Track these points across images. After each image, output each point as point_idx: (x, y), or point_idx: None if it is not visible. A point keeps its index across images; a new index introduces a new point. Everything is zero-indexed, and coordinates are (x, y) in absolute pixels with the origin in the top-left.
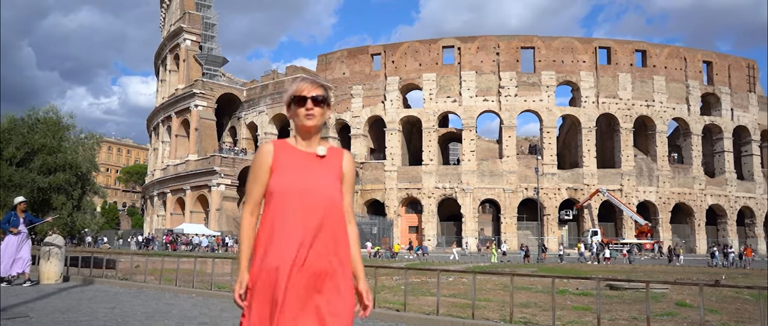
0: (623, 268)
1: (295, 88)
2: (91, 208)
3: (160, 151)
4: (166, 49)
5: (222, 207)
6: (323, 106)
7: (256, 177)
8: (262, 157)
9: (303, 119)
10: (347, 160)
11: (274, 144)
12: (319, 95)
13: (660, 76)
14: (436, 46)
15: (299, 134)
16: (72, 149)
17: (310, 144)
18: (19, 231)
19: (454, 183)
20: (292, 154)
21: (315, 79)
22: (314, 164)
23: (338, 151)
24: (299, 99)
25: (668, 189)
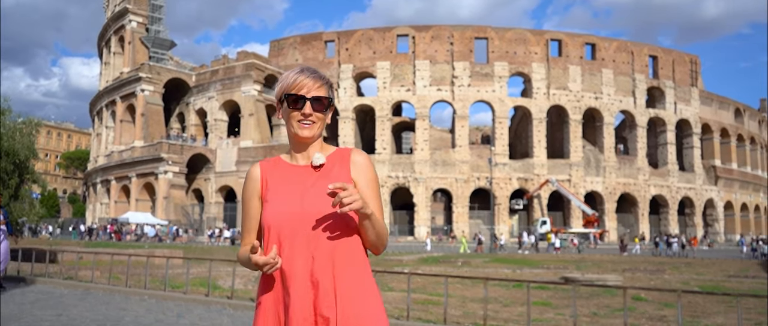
0: (573, 258)
1: (290, 83)
2: (29, 198)
3: (104, 137)
4: (110, 31)
5: (169, 196)
6: (325, 110)
7: (247, 211)
8: (249, 185)
9: (296, 127)
10: (358, 162)
11: (263, 165)
12: (322, 97)
13: (608, 69)
14: (391, 35)
15: (292, 146)
16: (8, 135)
17: (305, 155)
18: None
19: (407, 173)
20: (285, 172)
21: (317, 73)
22: (311, 180)
23: (343, 152)
24: (294, 98)
25: (614, 179)
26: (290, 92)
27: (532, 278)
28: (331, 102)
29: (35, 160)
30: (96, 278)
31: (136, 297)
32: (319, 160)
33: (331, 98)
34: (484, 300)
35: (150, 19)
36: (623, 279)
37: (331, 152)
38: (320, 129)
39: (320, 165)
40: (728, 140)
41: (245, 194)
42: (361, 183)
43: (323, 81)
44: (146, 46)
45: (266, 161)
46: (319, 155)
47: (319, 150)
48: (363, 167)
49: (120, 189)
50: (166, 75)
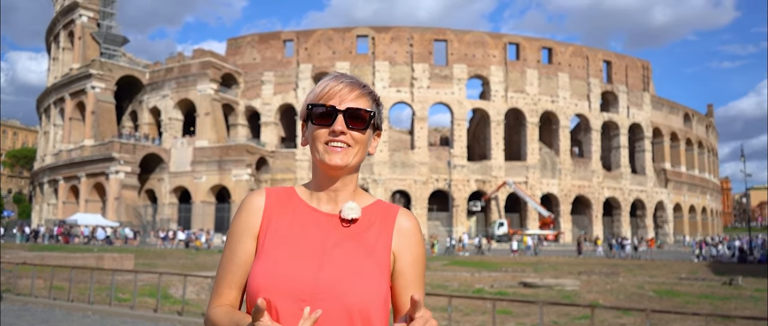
0: (530, 260)
1: (317, 92)
2: None
3: (52, 135)
4: (59, 25)
5: (121, 197)
6: (365, 128)
7: (231, 254)
8: (243, 217)
9: (322, 151)
10: (405, 229)
11: (270, 195)
12: (360, 109)
13: (564, 73)
14: (350, 35)
15: (316, 178)
16: None
17: (333, 197)
18: None
19: (366, 174)
20: (299, 215)
21: (356, 80)
22: (335, 238)
23: (386, 209)
24: (321, 111)
25: (569, 181)
26: (317, 102)
27: (491, 282)
28: (374, 118)
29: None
30: (37, 289)
31: (79, 313)
32: (353, 212)
33: (375, 113)
34: (449, 316)
35: (101, 13)
36: (580, 283)
37: (369, 203)
38: (358, 158)
39: (352, 220)
40: (678, 144)
41: (235, 229)
42: (405, 261)
43: (364, 90)
44: (97, 41)
45: (275, 191)
46: (353, 205)
47: (353, 196)
48: (411, 237)
49: (69, 189)
50: (119, 72)
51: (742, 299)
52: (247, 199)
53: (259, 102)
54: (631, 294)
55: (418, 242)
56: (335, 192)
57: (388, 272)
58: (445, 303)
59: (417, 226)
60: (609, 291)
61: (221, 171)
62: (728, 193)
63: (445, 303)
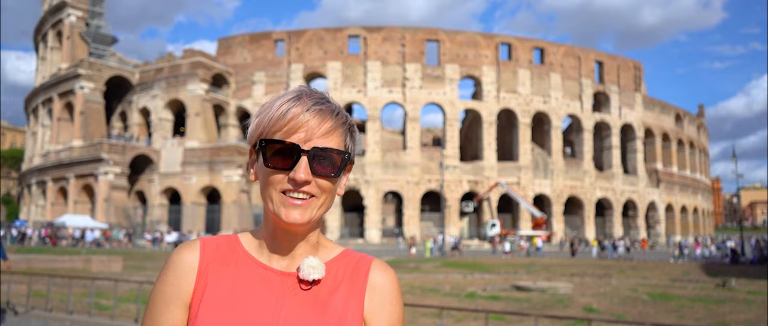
0: (523, 262)
1: (275, 117)
2: None
3: (40, 135)
4: (48, 24)
5: (110, 198)
6: (338, 174)
7: (152, 321)
8: (170, 281)
9: (278, 204)
10: (379, 287)
11: (206, 248)
12: (332, 150)
13: (556, 73)
14: (342, 35)
15: (268, 227)
16: None
17: (289, 250)
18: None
19: (358, 175)
20: (243, 274)
21: (327, 102)
22: (291, 305)
23: (355, 262)
24: (279, 148)
25: (562, 182)
26: (272, 135)
27: (484, 284)
28: (348, 160)
29: None
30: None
31: (55, 323)
32: (314, 271)
33: (350, 154)
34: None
35: (90, 13)
36: (573, 286)
37: (334, 256)
38: (324, 209)
39: (314, 281)
40: (669, 144)
41: (159, 295)
42: (380, 324)
43: (338, 119)
44: (86, 41)
45: (213, 242)
46: (315, 262)
47: (314, 250)
48: (387, 296)
49: (57, 190)
50: (108, 72)
51: (736, 302)
52: (174, 257)
53: (250, 102)
54: (625, 298)
55: (396, 302)
56: (293, 246)
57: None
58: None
59: (394, 281)
60: (602, 294)
61: (212, 172)
62: (719, 193)
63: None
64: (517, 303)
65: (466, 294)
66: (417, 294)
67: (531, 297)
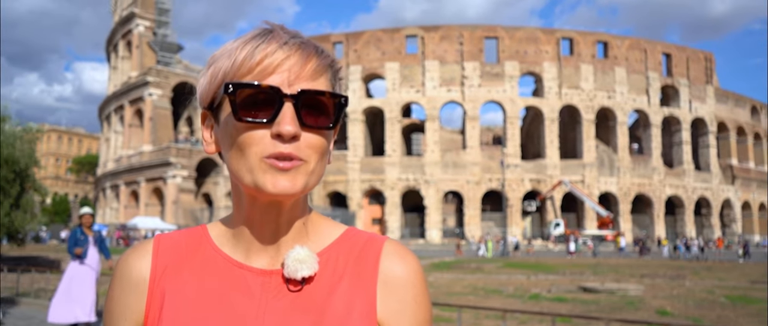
0: (589, 262)
1: (242, 58)
2: (31, 206)
3: (113, 141)
4: (118, 35)
5: (178, 200)
6: (331, 127)
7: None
8: (117, 297)
9: (258, 171)
10: (396, 280)
11: (160, 250)
12: (323, 94)
13: (621, 67)
14: (399, 35)
15: (241, 211)
16: (8, 143)
17: (271, 240)
18: (82, 256)
19: (418, 175)
20: (212, 276)
21: (304, 38)
22: (277, 312)
23: (364, 248)
24: (257, 99)
25: (629, 180)
26: (241, 77)
27: (548, 286)
28: (345, 105)
29: (36, 167)
30: None
31: None
32: (303, 266)
33: (346, 99)
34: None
35: (157, 22)
36: (644, 287)
37: (331, 242)
38: (317, 176)
39: (304, 279)
40: (745, 138)
41: (109, 314)
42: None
43: (323, 57)
44: (154, 49)
45: (171, 240)
46: (303, 252)
47: (302, 237)
48: (407, 292)
49: (129, 193)
50: (174, 78)
51: None
52: (119, 266)
53: None
54: (701, 301)
55: (421, 299)
56: (276, 233)
57: None
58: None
59: (416, 271)
60: (676, 296)
61: None
62: None
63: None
64: (584, 305)
65: (529, 295)
66: (480, 296)
67: (599, 299)
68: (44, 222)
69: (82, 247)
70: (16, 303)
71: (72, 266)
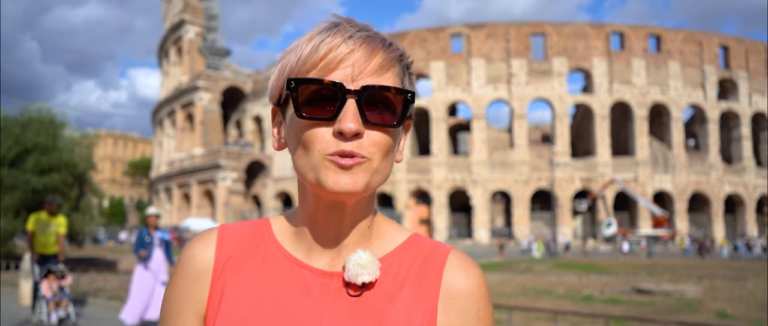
0: (643, 263)
1: (306, 54)
2: (89, 209)
3: (165, 145)
4: (169, 41)
5: (229, 202)
6: (397, 124)
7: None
8: (180, 286)
9: (321, 169)
10: (460, 293)
11: (224, 240)
12: (389, 90)
13: (675, 61)
14: (445, 34)
15: (306, 209)
16: (67, 148)
17: (333, 242)
18: (146, 256)
19: (465, 175)
20: (272, 275)
21: (372, 31)
22: (334, 317)
23: (427, 256)
24: (320, 95)
25: (685, 177)
26: (306, 73)
27: (601, 287)
28: (412, 101)
29: (94, 171)
30: None
31: None
32: (364, 271)
33: (413, 94)
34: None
35: (206, 28)
36: (702, 289)
37: (394, 247)
38: (382, 175)
39: (365, 285)
40: None
41: (169, 303)
42: None
43: (391, 51)
44: (203, 54)
45: (235, 232)
46: (365, 257)
47: (366, 240)
48: (470, 306)
49: (181, 196)
50: (223, 83)
51: None
52: (185, 254)
53: None
54: (764, 303)
55: (483, 314)
56: (338, 233)
57: None
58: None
59: (480, 284)
60: (737, 298)
61: None
62: None
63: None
64: (638, 306)
65: (581, 296)
66: (529, 297)
67: (654, 301)
68: (102, 223)
69: (147, 249)
70: (84, 303)
71: (138, 269)
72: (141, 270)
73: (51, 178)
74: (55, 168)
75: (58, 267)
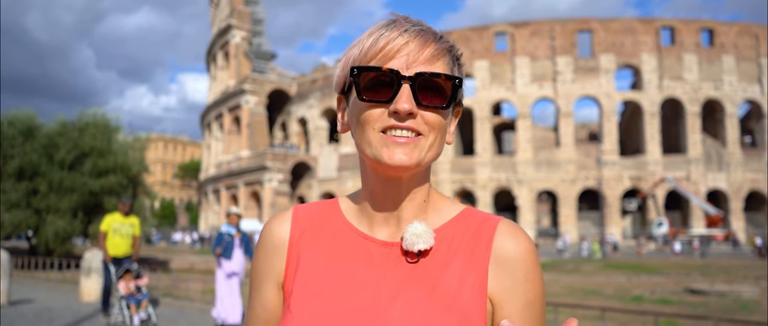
0: (696, 263)
1: (367, 47)
2: (142, 210)
3: (214, 148)
4: (216, 46)
5: (275, 203)
6: (447, 106)
7: (251, 302)
8: (262, 258)
9: (378, 146)
10: (510, 257)
11: (298, 217)
12: (439, 76)
13: (729, 55)
14: (488, 33)
15: (368, 186)
16: (121, 151)
17: (393, 215)
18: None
19: (510, 174)
20: (340, 246)
21: (425, 26)
22: (393, 283)
23: (479, 226)
24: (378, 81)
25: (740, 175)
26: (367, 63)
27: (651, 287)
28: (460, 86)
29: (146, 173)
30: (192, 293)
31: None
32: (419, 240)
33: (461, 80)
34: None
35: (252, 32)
36: (759, 290)
37: (449, 219)
38: (434, 152)
39: (421, 252)
40: None
41: (253, 274)
42: (511, 309)
43: (441, 43)
44: (249, 58)
45: (308, 210)
46: (421, 227)
47: (422, 210)
48: (519, 270)
49: (229, 197)
50: (269, 86)
51: None
52: (265, 231)
53: None
54: None
55: (532, 276)
56: (396, 206)
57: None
58: (598, 314)
59: (528, 249)
60: None
61: None
62: None
63: (598, 314)
64: (690, 307)
65: (631, 296)
66: (577, 297)
67: (708, 302)
68: (154, 224)
69: (225, 248)
70: (157, 303)
71: (218, 269)
72: (220, 269)
73: (107, 180)
74: (110, 171)
75: (134, 267)
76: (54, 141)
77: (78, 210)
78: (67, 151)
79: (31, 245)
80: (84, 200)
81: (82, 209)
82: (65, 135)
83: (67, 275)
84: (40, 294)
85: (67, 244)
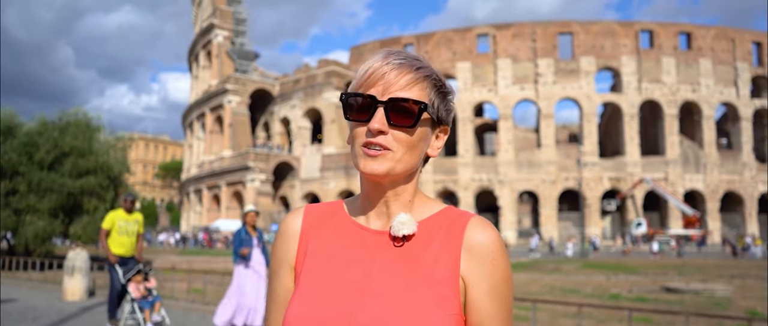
0: (673, 263)
1: (360, 76)
2: None
3: (195, 147)
4: (199, 46)
5: (257, 203)
6: (414, 125)
7: (271, 291)
8: (278, 245)
9: (358, 156)
10: (477, 246)
11: (309, 213)
12: (407, 101)
13: (706, 58)
14: (470, 35)
15: (363, 188)
16: (103, 151)
17: (384, 209)
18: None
19: (491, 175)
20: (341, 235)
21: (409, 58)
22: (382, 261)
23: (453, 218)
24: (359, 105)
25: (717, 176)
26: (357, 89)
27: (629, 286)
28: (427, 110)
29: (128, 174)
30: (177, 292)
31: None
32: (403, 226)
33: (429, 105)
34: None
35: (235, 32)
36: (733, 288)
37: (431, 214)
38: (405, 164)
39: (405, 237)
40: None
41: (272, 262)
42: (478, 290)
43: (419, 72)
44: (232, 58)
45: (317, 208)
46: (405, 217)
47: (408, 206)
48: (486, 256)
49: (211, 197)
50: (251, 86)
51: None
52: (282, 224)
53: None
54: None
55: (498, 262)
56: (386, 203)
57: (454, 304)
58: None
59: (494, 240)
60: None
61: (348, 176)
62: None
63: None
64: (666, 305)
65: (609, 295)
66: (557, 295)
67: (683, 300)
68: None
69: (249, 247)
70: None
71: (238, 269)
72: (241, 269)
73: (87, 181)
74: (91, 171)
75: (144, 268)
76: (34, 140)
77: (57, 211)
78: (46, 151)
79: (10, 245)
80: (63, 201)
81: (62, 210)
82: (45, 134)
83: (49, 275)
84: (22, 293)
85: (47, 244)
